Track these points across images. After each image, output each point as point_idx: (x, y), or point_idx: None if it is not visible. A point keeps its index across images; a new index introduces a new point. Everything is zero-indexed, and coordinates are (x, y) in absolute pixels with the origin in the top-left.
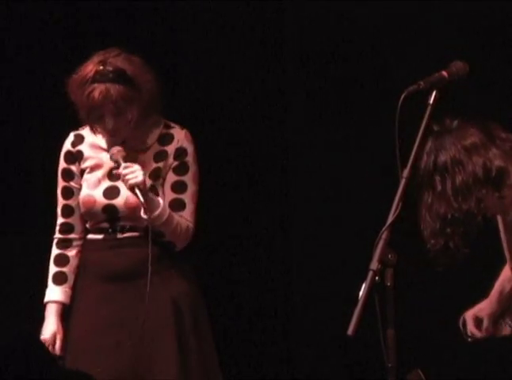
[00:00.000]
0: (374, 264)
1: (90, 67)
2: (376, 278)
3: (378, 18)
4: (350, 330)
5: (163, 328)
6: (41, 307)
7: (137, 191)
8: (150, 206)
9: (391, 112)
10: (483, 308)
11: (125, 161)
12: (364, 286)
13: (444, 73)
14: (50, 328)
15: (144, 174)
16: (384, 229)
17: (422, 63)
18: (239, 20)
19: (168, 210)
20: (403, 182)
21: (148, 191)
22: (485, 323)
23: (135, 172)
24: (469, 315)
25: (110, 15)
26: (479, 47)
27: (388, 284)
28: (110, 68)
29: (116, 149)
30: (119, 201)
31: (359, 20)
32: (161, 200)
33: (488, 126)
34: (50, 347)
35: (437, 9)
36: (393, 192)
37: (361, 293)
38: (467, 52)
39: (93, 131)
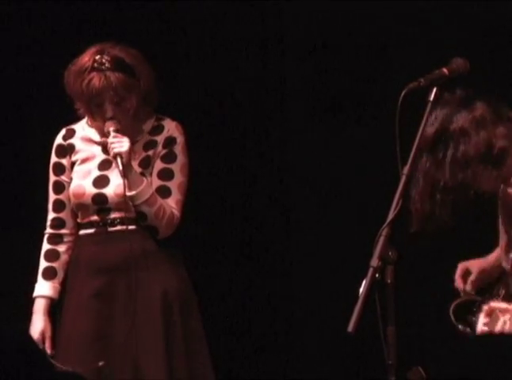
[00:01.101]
0: (374, 261)
1: (88, 57)
2: (377, 275)
3: (378, 16)
4: (350, 327)
5: (151, 326)
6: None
7: (118, 161)
8: (131, 180)
9: (392, 109)
10: (476, 262)
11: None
12: (364, 283)
13: (444, 70)
14: (38, 326)
15: (130, 148)
16: (384, 226)
17: (422, 61)
18: (238, 18)
19: (152, 191)
20: (403, 179)
21: (131, 166)
22: (472, 276)
23: (122, 142)
24: (461, 266)
25: (107, 12)
26: (480, 45)
27: (389, 281)
28: (108, 57)
29: (111, 122)
30: (108, 190)
31: (359, 18)
32: (145, 179)
33: (498, 103)
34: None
35: (438, 8)
36: (393, 189)
37: (361, 290)
38: (467, 51)
39: (92, 119)
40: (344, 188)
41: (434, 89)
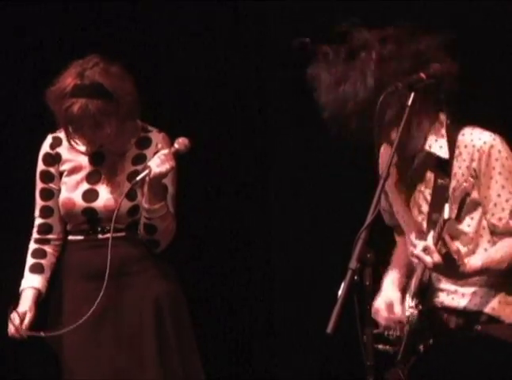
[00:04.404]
0: (353, 264)
1: (68, 81)
2: (355, 277)
3: (361, 16)
4: (329, 329)
5: (144, 329)
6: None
7: (145, 173)
8: (156, 194)
9: None
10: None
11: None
12: (343, 285)
13: (422, 74)
14: (21, 308)
15: (165, 174)
16: (362, 228)
17: None
18: (220, 20)
19: (167, 208)
20: (381, 183)
21: (160, 182)
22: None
23: (165, 164)
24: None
25: (90, 17)
26: (478, 46)
27: (367, 283)
28: (87, 82)
29: (184, 139)
30: (98, 204)
31: (340, 17)
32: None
33: None
34: (17, 322)
35: (423, 10)
36: (372, 192)
37: (340, 292)
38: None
39: (71, 141)
40: (323, 190)
41: (412, 94)
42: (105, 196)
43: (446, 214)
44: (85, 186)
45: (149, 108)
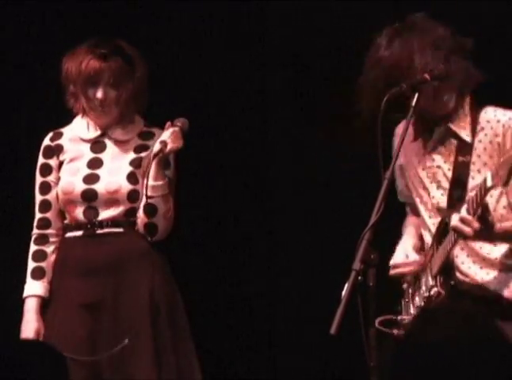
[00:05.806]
0: (357, 264)
1: (89, 43)
2: (359, 278)
3: (359, 16)
4: (333, 329)
5: (140, 327)
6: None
7: (158, 147)
8: (158, 172)
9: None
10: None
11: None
12: (346, 286)
13: (426, 75)
14: (32, 325)
15: (175, 150)
16: (366, 229)
17: None
18: (220, 19)
19: (169, 189)
20: (385, 183)
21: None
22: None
23: (179, 140)
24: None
25: (94, 14)
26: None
27: (371, 284)
28: (109, 44)
29: (183, 120)
30: (99, 186)
31: (340, 17)
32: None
33: None
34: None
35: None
36: (375, 193)
37: (343, 293)
38: None
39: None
40: (327, 191)
41: (416, 95)
42: (106, 179)
43: (489, 182)
44: (86, 171)
45: (149, 107)
